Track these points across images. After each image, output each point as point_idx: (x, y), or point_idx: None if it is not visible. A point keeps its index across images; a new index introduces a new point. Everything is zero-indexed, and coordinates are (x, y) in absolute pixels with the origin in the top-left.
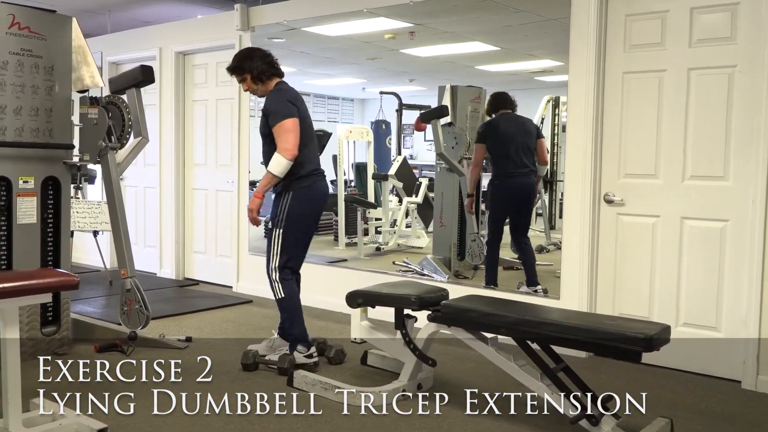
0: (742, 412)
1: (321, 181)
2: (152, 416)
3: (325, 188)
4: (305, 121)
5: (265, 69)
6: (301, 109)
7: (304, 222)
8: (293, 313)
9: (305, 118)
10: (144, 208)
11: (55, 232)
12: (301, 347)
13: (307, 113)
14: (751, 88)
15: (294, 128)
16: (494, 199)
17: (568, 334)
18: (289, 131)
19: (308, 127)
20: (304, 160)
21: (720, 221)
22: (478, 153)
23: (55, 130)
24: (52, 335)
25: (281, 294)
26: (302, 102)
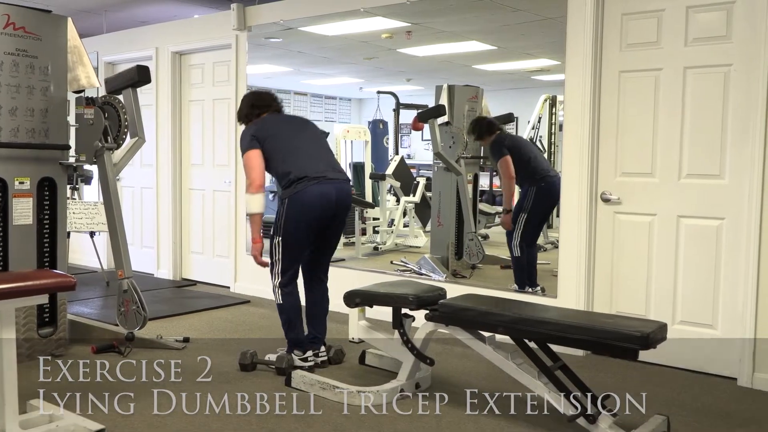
0: (738, 409)
1: (317, 185)
2: (150, 417)
3: (323, 191)
4: (279, 138)
5: (248, 112)
6: (271, 128)
7: (302, 227)
8: (290, 318)
9: (277, 136)
10: (141, 208)
11: (52, 233)
12: (297, 351)
13: (285, 126)
14: (747, 86)
15: (250, 162)
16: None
17: (566, 333)
18: (246, 166)
19: (287, 138)
20: (290, 169)
21: (716, 219)
22: (509, 166)
23: (50, 131)
24: (48, 336)
25: (280, 300)
26: (279, 119)
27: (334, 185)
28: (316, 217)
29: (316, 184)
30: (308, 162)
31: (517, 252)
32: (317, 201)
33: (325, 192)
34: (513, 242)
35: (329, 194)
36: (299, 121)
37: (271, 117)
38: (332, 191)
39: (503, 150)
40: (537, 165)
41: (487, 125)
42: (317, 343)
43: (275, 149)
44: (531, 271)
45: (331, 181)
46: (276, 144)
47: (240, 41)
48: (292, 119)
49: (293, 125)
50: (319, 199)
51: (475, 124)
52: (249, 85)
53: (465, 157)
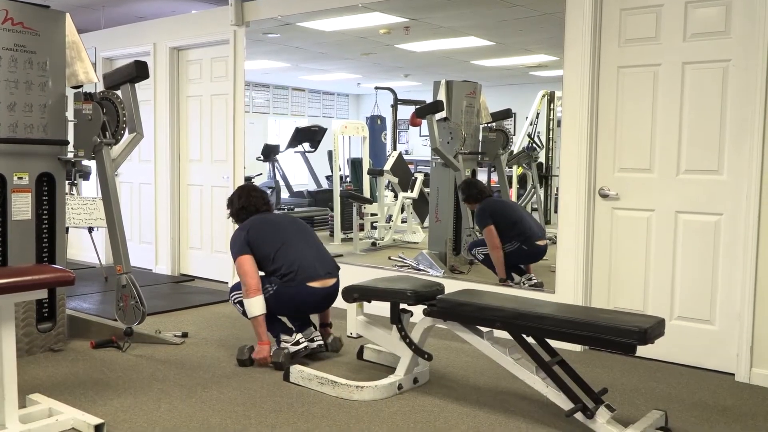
0: (735, 404)
1: (304, 284)
2: (149, 411)
3: (311, 294)
4: (270, 236)
5: (237, 213)
6: (260, 225)
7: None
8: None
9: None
10: (139, 204)
11: (50, 228)
12: (285, 336)
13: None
14: (745, 82)
15: (243, 269)
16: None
17: (564, 328)
18: (241, 272)
19: (277, 239)
20: (281, 263)
21: (714, 215)
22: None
23: (49, 126)
24: (47, 331)
25: (241, 310)
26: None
27: (321, 292)
28: (299, 310)
29: (304, 288)
30: (298, 256)
31: (480, 256)
32: (303, 303)
33: (311, 298)
34: (474, 250)
35: (315, 299)
36: (286, 218)
37: (259, 218)
38: (318, 297)
39: (487, 220)
40: (524, 227)
41: (477, 193)
42: (305, 327)
43: (265, 251)
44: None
45: (320, 285)
46: (266, 245)
47: (238, 37)
48: (278, 218)
49: (279, 224)
50: (306, 301)
51: (465, 186)
52: (247, 80)
53: (463, 153)
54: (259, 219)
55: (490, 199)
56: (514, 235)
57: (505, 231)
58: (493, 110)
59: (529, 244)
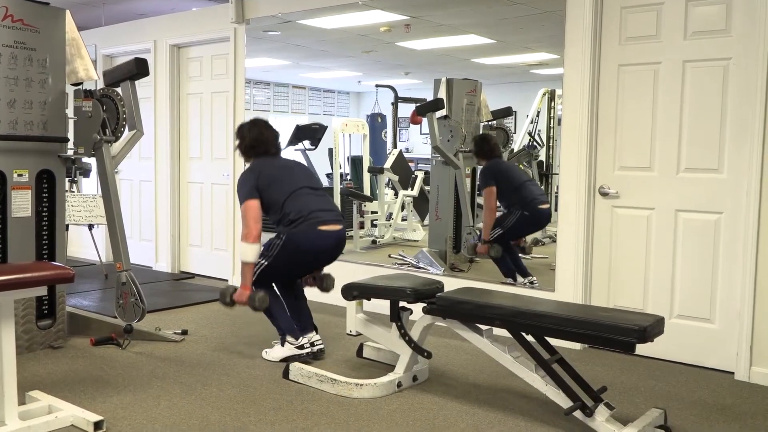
0: (735, 403)
1: (317, 232)
2: (148, 408)
3: (322, 238)
4: (278, 181)
5: (246, 151)
6: (269, 171)
7: (291, 265)
8: (270, 310)
9: (276, 178)
10: (139, 201)
11: (50, 225)
12: (290, 338)
13: (283, 173)
14: (746, 80)
15: (248, 213)
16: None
17: (563, 326)
18: (244, 216)
19: (286, 185)
20: (289, 210)
21: (714, 213)
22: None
23: (49, 123)
24: (47, 328)
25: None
26: (276, 164)
27: (333, 235)
28: (310, 261)
29: (315, 230)
30: (307, 203)
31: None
32: (315, 247)
33: (324, 237)
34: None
35: (328, 239)
36: (295, 166)
37: (269, 163)
38: (332, 241)
39: (490, 180)
40: (527, 193)
41: (488, 150)
42: (305, 331)
43: (273, 198)
44: (517, 263)
45: (331, 229)
46: (274, 192)
47: (238, 34)
48: (288, 165)
49: (291, 167)
50: (317, 245)
51: (479, 140)
52: (247, 78)
53: (463, 151)
54: (269, 164)
55: (497, 160)
56: (517, 200)
57: (507, 194)
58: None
59: (531, 209)
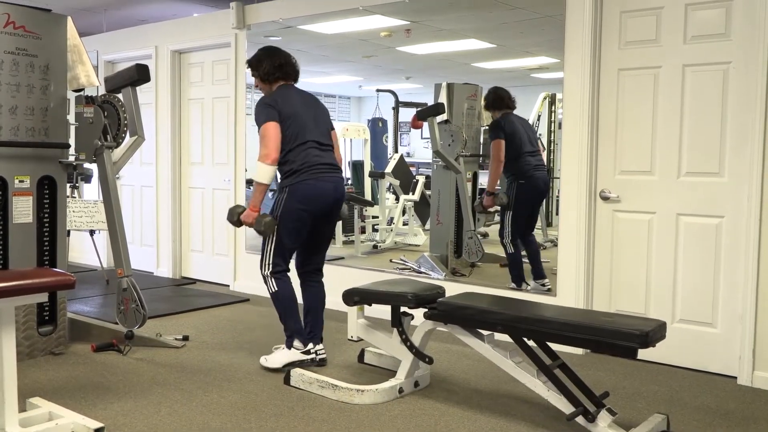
0: (738, 408)
1: (319, 181)
2: (149, 415)
3: (324, 187)
4: (294, 121)
5: (270, 71)
6: (288, 110)
7: (301, 218)
8: (286, 306)
9: (292, 116)
10: (141, 207)
11: (51, 231)
12: (298, 343)
13: (302, 110)
14: (746, 84)
15: (269, 133)
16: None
17: (565, 331)
18: (265, 137)
19: (302, 125)
20: (296, 158)
21: (715, 217)
22: (501, 149)
23: (50, 130)
24: (48, 335)
25: (274, 288)
26: (296, 102)
27: (332, 183)
28: (314, 210)
29: (317, 180)
30: (313, 156)
31: (510, 248)
32: (316, 195)
33: (325, 188)
34: (504, 240)
35: (328, 191)
36: (314, 104)
37: (290, 92)
38: (330, 188)
39: (499, 133)
40: (527, 160)
41: (497, 100)
42: (314, 340)
43: (288, 133)
44: (535, 264)
45: (331, 177)
46: (290, 128)
47: (239, 40)
48: (308, 101)
49: (309, 109)
50: (319, 193)
51: (492, 93)
52: (248, 83)
53: (464, 156)
54: (289, 98)
55: (508, 113)
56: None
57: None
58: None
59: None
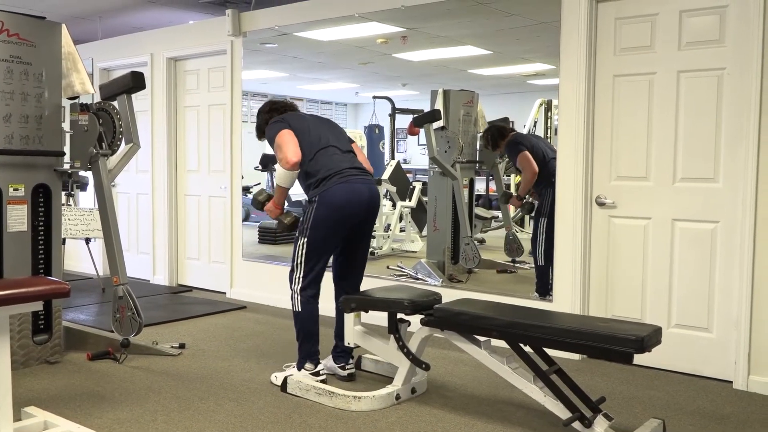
0: (733, 412)
1: (348, 184)
2: (145, 423)
3: (355, 189)
4: (308, 133)
5: (267, 117)
6: (299, 124)
7: (330, 228)
8: (306, 329)
9: (305, 130)
10: (136, 214)
11: (46, 239)
12: (309, 365)
13: (312, 124)
14: (740, 90)
15: (282, 139)
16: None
17: (561, 337)
18: (279, 144)
19: (315, 135)
20: (319, 167)
21: (711, 223)
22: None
23: (45, 137)
24: (43, 343)
25: (298, 308)
26: (306, 119)
27: (365, 185)
28: (347, 217)
29: (347, 183)
30: (337, 160)
31: (541, 261)
32: (348, 200)
33: (357, 191)
34: (537, 250)
35: (361, 193)
36: (326, 121)
37: (297, 113)
38: (364, 190)
39: (521, 147)
40: (554, 163)
41: (498, 130)
42: (345, 356)
43: (305, 144)
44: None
45: (362, 180)
46: (305, 139)
47: (235, 47)
48: (315, 117)
49: (322, 124)
50: (351, 197)
51: (485, 133)
52: (244, 90)
53: (461, 162)
54: (296, 115)
55: (518, 132)
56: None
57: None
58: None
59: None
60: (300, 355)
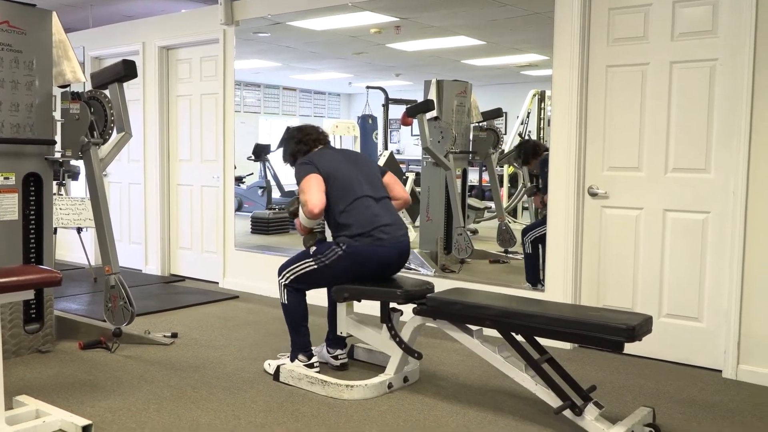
0: (722, 400)
1: (379, 246)
2: (138, 412)
3: (384, 253)
4: (338, 177)
5: (294, 151)
6: (327, 164)
7: (346, 277)
8: (295, 321)
9: (335, 174)
10: (129, 204)
11: (38, 228)
12: (302, 356)
13: (342, 165)
14: (732, 80)
15: (308, 185)
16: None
17: (552, 326)
18: (304, 190)
19: (347, 182)
20: (351, 221)
21: (702, 213)
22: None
23: (36, 126)
24: (35, 332)
25: (285, 299)
26: (334, 157)
27: (395, 246)
28: (368, 274)
29: (379, 246)
30: (371, 216)
31: (529, 248)
32: (374, 261)
33: (385, 254)
34: (527, 237)
35: (390, 256)
36: (355, 156)
37: (325, 150)
38: (393, 254)
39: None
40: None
41: (532, 148)
42: (339, 343)
43: (334, 191)
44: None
45: (394, 241)
46: (335, 184)
47: (228, 36)
48: (345, 154)
49: (350, 161)
50: (379, 259)
51: (519, 147)
52: (237, 80)
53: (454, 152)
54: (326, 155)
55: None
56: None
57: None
58: (484, 109)
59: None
60: (293, 348)
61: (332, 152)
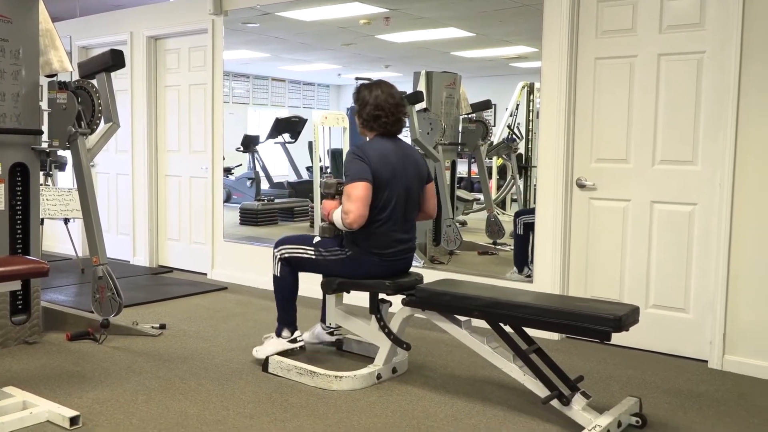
0: (708, 390)
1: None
2: (125, 403)
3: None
4: (384, 188)
5: (370, 118)
6: (385, 173)
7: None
8: (284, 295)
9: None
10: (116, 194)
11: (24, 219)
12: (286, 332)
13: (401, 173)
14: (720, 73)
15: (357, 194)
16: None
17: (540, 316)
18: (350, 197)
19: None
20: (370, 238)
21: (688, 205)
22: None
23: (22, 116)
24: (22, 323)
25: (277, 272)
26: (393, 161)
27: (401, 263)
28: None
29: (384, 262)
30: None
31: (520, 230)
32: (375, 273)
33: (389, 270)
34: (519, 219)
35: (392, 271)
36: (411, 162)
37: (387, 149)
38: (396, 269)
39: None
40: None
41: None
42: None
43: (376, 203)
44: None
45: (400, 256)
46: (380, 199)
47: (216, 26)
48: (405, 159)
49: (405, 171)
50: (379, 272)
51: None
52: (226, 70)
53: (443, 144)
54: (383, 156)
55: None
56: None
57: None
58: (473, 101)
59: None
60: (279, 323)
61: (389, 152)
